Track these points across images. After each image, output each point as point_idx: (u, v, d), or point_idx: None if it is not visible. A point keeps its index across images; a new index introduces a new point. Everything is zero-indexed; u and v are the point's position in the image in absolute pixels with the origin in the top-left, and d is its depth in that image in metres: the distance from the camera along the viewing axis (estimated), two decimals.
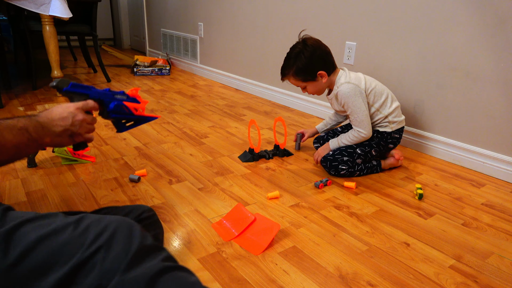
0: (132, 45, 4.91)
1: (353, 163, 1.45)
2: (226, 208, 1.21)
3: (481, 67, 1.50)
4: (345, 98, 1.42)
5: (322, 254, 1.01)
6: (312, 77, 1.43)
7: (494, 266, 0.99)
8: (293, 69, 1.42)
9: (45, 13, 2.09)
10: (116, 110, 0.89)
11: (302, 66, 1.40)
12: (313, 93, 1.49)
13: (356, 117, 1.42)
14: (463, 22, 1.52)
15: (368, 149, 1.47)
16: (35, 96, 2.44)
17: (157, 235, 0.83)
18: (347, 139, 1.46)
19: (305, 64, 1.40)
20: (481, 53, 1.49)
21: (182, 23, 3.47)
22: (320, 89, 1.48)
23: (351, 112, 1.43)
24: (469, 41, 1.52)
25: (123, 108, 0.91)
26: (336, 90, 1.45)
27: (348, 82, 1.42)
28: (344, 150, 1.45)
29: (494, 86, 1.48)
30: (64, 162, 1.48)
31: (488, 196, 1.37)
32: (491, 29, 1.45)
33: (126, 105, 0.92)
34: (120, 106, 0.90)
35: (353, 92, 1.41)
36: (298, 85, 1.47)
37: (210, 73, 3.24)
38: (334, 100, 1.51)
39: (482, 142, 1.56)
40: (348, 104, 1.42)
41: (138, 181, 1.36)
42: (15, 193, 1.25)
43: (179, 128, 1.97)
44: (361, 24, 1.93)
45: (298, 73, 1.42)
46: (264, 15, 2.54)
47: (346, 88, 1.41)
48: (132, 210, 0.82)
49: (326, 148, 1.51)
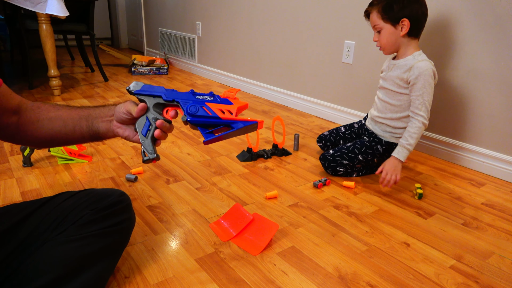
0: (130, 44, 4.89)
1: (352, 167, 1.43)
2: (224, 208, 1.20)
3: (481, 65, 1.49)
4: (422, 74, 1.28)
5: (321, 254, 1.00)
6: (394, 20, 1.30)
7: (495, 266, 0.98)
8: (383, 2, 1.30)
9: (41, 12, 2.07)
10: (193, 113, 0.74)
11: (392, 2, 1.29)
12: (383, 44, 1.35)
13: (423, 101, 1.28)
14: (463, 21, 1.51)
15: (371, 157, 1.42)
16: (32, 95, 2.42)
17: (121, 222, 0.82)
18: (413, 135, 1.29)
19: (392, 7, 1.29)
20: (481, 51, 1.48)
21: (180, 22, 3.46)
22: (392, 42, 1.34)
23: (421, 94, 1.28)
24: (469, 39, 1.51)
25: (203, 110, 0.74)
26: (413, 61, 1.31)
27: (430, 62, 1.32)
28: (345, 153, 1.41)
29: (494, 84, 1.47)
30: (60, 161, 1.46)
31: (488, 196, 1.36)
32: (490, 27, 1.44)
33: (210, 106, 0.75)
34: (198, 107, 0.74)
35: (431, 74, 1.29)
36: (376, 23, 1.34)
37: (208, 73, 3.22)
38: (396, 70, 1.36)
39: (481, 141, 1.55)
40: (421, 82, 1.28)
41: (135, 181, 1.35)
42: (10, 193, 1.23)
43: (177, 127, 1.95)
44: (360, 23, 1.91)
45: (384, 9, 1.30)
46: (262, 14, 2.52)
47: (427, 65, 1.29)
48: (105, 195, 0.82)
49: (395, 165, 1.30)
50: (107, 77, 2.99)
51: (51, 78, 2.39)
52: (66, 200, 0.80)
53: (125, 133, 0.78)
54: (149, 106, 0.76)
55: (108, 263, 0.79)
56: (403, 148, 1.31)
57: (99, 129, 0.79)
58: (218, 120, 0.74)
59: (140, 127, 0.76)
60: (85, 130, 0.79)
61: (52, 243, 0.71)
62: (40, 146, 0.84)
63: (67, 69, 3.34)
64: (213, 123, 0.75)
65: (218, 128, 0.75)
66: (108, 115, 0.79)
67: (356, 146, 1.43)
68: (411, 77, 1.30)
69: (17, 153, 1.53)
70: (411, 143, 1.30)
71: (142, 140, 0.75)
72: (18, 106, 0.77)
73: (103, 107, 0.80)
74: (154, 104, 0.77)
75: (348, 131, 1.62)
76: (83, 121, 0.78)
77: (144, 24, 4.18)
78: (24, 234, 0.73)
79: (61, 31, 2.72)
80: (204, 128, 0.75)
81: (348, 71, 2.03)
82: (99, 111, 0.79)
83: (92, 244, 0.74)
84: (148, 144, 0.75)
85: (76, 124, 0.78)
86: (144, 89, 0.77)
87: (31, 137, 0.78)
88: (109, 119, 0.79)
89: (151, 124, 0.75)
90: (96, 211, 0.77)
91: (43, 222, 0.75)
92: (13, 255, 0.70)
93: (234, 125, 0.74)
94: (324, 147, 1.64)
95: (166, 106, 0.78)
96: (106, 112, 0.79)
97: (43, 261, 0.68)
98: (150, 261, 0.94)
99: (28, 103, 0.79)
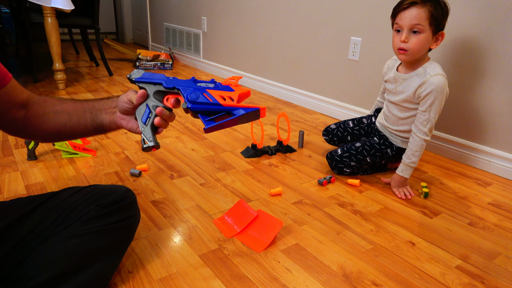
0: (135, 39, 4.88)
1: (359, 168, 1.42)
2: (228, 204, 1.19)
3: (488, 64, 1.48)
4: (435, 90, 1.21)
5: (325, 252, 0.99)
6: (438, 28, 1.21)
7: (501, 267, 0.97)
8: (437, 4, 1.20)
9: (46, 5, 2.07)
10: (193, 100, 0.72)
11: (443, 10, 1.21)
12: (413, 49, 1.22)
13: (429, 117, 1.24)
14: (470, 18, 1.49)
15: (379, 160, 1.40)
16: (36, 89, 2.42)
17: (126, 218, 0.82)
18: (415, 154, 1.27)
19: (442, 14, 1.21)
20: (488, 50, 1.46)
21: (185, 17, 3.44)
22: (422, 50, 1.24)
23: (429, 110, 1.23)
24: (476, 37, 1.49)
25: (204, 97, 0.73)
26: (428, 76, 1.24)
27: (444, 75, 1.24)
28: (354, 155, 1.38)
29: (500, 83, 1.45)
30: (65, 155, 1.46)
31: (494, 196, 1.35)
32: (498, 25, 1.42)
33: (210, 93, 0.73)
34: (198, 94, 0.73)
35: (444, 92, 1.23)
36: (420, 23, 1.19)
37: (213, 68, 3.21)
38: (407, 86, 1.30)
39: (488, 140, 1.54)
40: (432, 99, 1.22)
41: (139, 176, 1.34)
42: (14, 186, 1.23)
43: (181, 123, 1.95)
44: (366, 19, 1.90)
45: (437, 12, 1.19)
46: (268, 10, 2.50)
47: (441, 81, 1.22)
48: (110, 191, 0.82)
49: (402, 181, 1.31)
50: (111, 71, 2.98)
51: (55, 71, 2.38)
52: (71, 195, 0.80)
53: (128, 125, 0.77)
54: (150, 93, 0.75)
55: (112, 259, 0.79)
56: (406, 167, 1.29)
57: (103, 121, 0.78)
58: (219, 107, 0.72)
59: (140, 115, 0.75)
60: (89, 122, 0.78)
61: (56, 239, 0.71)
62: (46, 140, 0.84)
63: (71, 63, 3.34)
64: (214, 110, 0.73)
65: (219, 115, 0.73)
66: (111, 106, 0.78)
67: (366, 148, 1.39)
68: (423, 93, 1.24)
69: (21, 147, 1.54)
70: (414, 161, 1.28)
71: (142, 128, 0.74)
72: (26, 100, 0.77)
73: (107, 99, 0.80)
74: (155, 92, 0.76)
75: (357, 126, 1.57)
76: (87, 113, 0.78)
77: (149, 19, 4.17)
78: (28, 229, 0.72)
79: (66, 24, 2.72)
80: (205, 116, 0.73)
81: (354, 68, 2.01)
82: (103, 103, 0.79)
83: (96, 240, 0.74)
84: (147, 131, 0.74)
85: (80, 117, 0.78)
86: (145, 76, 0.76)
87: (38, 131, 0.78)
88: (113, 111, 0.78)
89: (151, 112, 0.74)
90: (101, 207, 0.77)
91: (47, 217, 0.75)
92: (17, 249, 0.70)
93: (235, 112, 0.72)
94: (330, 141, 1.61)
95: (166, 93, 0.77)
96: (110, 103, 0.78)
97: (46, 256, 0.68)
98: (154, 256, 0.94)
99: (35, 97, 0.79)
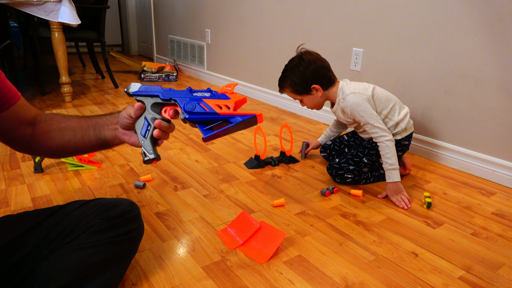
0: (140, 51, 4.95)
1: (359, 172, 1.43)
2: (231, 215, 1.20)
3: (490, 73, 1.48)
4: (354, 109, 1.36)
5: (328, 263, 0.99)
6: (306, 91, 1.43)
7: (505, 277, 0.97)
8: (288, 82, 1.43)
9: (54, 20, 2.11)
10: (190, 110, 0.72)
11: (296, 80, 1.41)
12: (311, 107, 1.48)
13: (372, 125, 1.34)
14: (471, 28, 1.50)
15: (375, 158, 1.43)
16: (43, 101, 2.46)
17: (131, 231, 0.83)
18: (387, 156, 1.33)
19: (299, 78, 1.40)
20: (490, 59, 1.47)
21: (190, 29, 3.49)
22: (317, 103, 1.47)
23: (366, 122, 1.35)
24: (477, 47, 1.50)
25: (201, 107, 0.72)
26: (342, 102, 1.40)
27: (353, 92, 1.38)
28: (350, 159, 1.43)
29: (503, 92, 1.46)
30: (70, 167, 1.48)
31: (498, 205, 1.35)
32: (498, 35, 1.43)
33: (207, 103, 0.73)
34: (195, 104, 0.72)
35: (361, 101, 1.36)
36: (295, 97, 1.48)
37: (217, 79, 3.24)
38: (340, 113, 1.46)
39: (491, 150, 1.54)
40: (359, 114, 1.35)
41: (143, 187, 1.36)
42: (21, 199, 1.25)
43: (185, 134, 1.97)
44: (368, 30, 1.92)
45: (292, 86, 1.43)
46: (271, 21, 2.54)
47: (353, 99, 1.37)
48: (115, 205, 0.83)
49: (395, 187, 1.33)
50: (117, 83, 3.03)
51: (62, 84, 2.42)
52: (77, 209, 0.82)
53: (131, 139, 0.78)
54: (147, 106, 0.76)
55: (116, 271, 0.80)
56: (390, 171, 1.33)
57: (105, 137, 0.80)
58: (216, 116, 0.72)
59: (139, 128, 0.75)
60: (93, 138, 0.79)
61: (62, 251, 0.72)
62: (52, 156, 0.85)
63: (78, 76, 3.39)
64: (212, 119, 0.73)
65: (216, 124, 0.73)
66: (113, 122, 0.79)
67: (360, 150, 1.46)
68: (350, 116, 1.40)
69: (28, 160, 1.56)
70: (391, 163, 1.32)
71: (142, 141, 0.75)
72: (34, 118, 0.78)
73: (109, 115, 0.81)
74: (152, 104, 0.76)
75: (352, 138, 1.63)
76: (91, 129, 0.79)
77: (154, 31, 4.23)
78: (35, 242, 0.74)
79: (73, 38, 2.76)
80: (203, 125, 0.73)
81: (357, 79, 2.02)
82: (105, 119, 0.80)
83: (101, 252, 0.75)
84: (147, 144, 0.74)
85: (84, 134, 0.79)
86: (141, 89, 0.77)
87: (44, 148, 0.80)
88: (115, 127, 0.79)
89: (150, 124, 0.75)
90: (106, 220, 0.78)
91: (54, 230, 0.76)
92: (23, 262, 0.71)
93: (233, 120, 0.72)
94: (329, 157, 1.65)
95: (164, 105, 0.77)
96: (112, 119, 0.80)
97: (52, 268, 0.69)
98: (157, 268, 0.95)
99: (42, 114, 0.80)
